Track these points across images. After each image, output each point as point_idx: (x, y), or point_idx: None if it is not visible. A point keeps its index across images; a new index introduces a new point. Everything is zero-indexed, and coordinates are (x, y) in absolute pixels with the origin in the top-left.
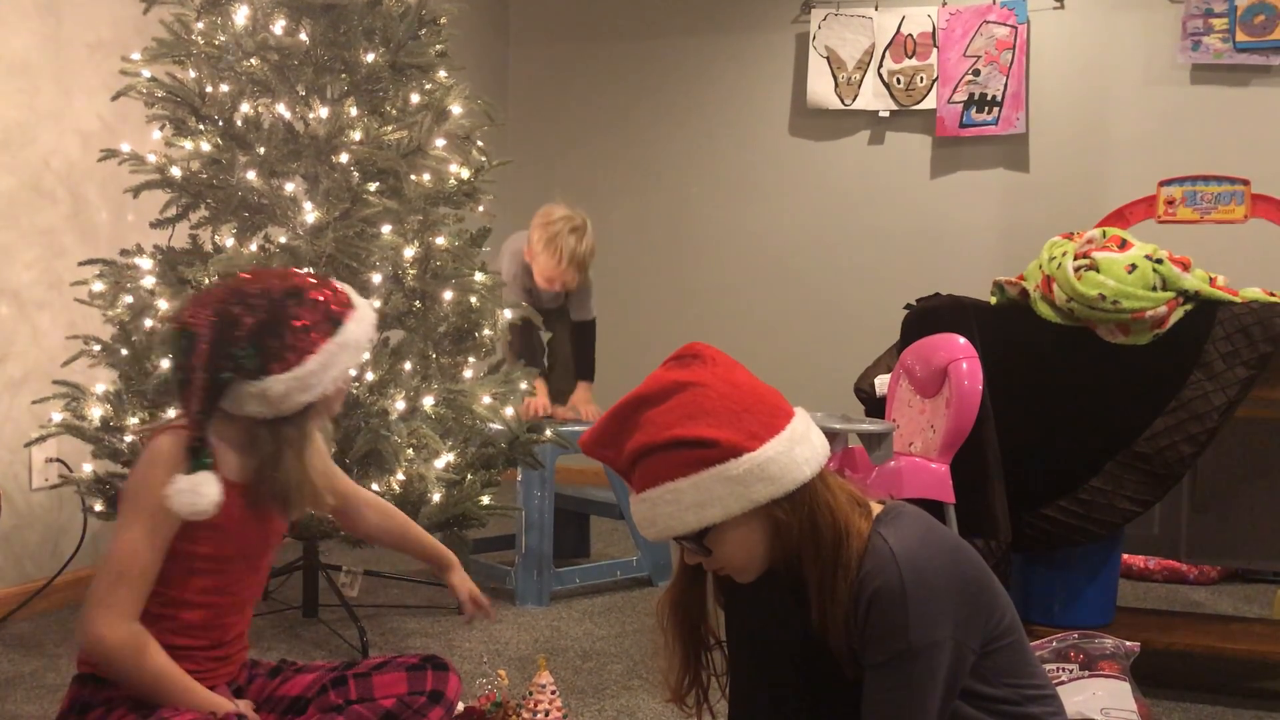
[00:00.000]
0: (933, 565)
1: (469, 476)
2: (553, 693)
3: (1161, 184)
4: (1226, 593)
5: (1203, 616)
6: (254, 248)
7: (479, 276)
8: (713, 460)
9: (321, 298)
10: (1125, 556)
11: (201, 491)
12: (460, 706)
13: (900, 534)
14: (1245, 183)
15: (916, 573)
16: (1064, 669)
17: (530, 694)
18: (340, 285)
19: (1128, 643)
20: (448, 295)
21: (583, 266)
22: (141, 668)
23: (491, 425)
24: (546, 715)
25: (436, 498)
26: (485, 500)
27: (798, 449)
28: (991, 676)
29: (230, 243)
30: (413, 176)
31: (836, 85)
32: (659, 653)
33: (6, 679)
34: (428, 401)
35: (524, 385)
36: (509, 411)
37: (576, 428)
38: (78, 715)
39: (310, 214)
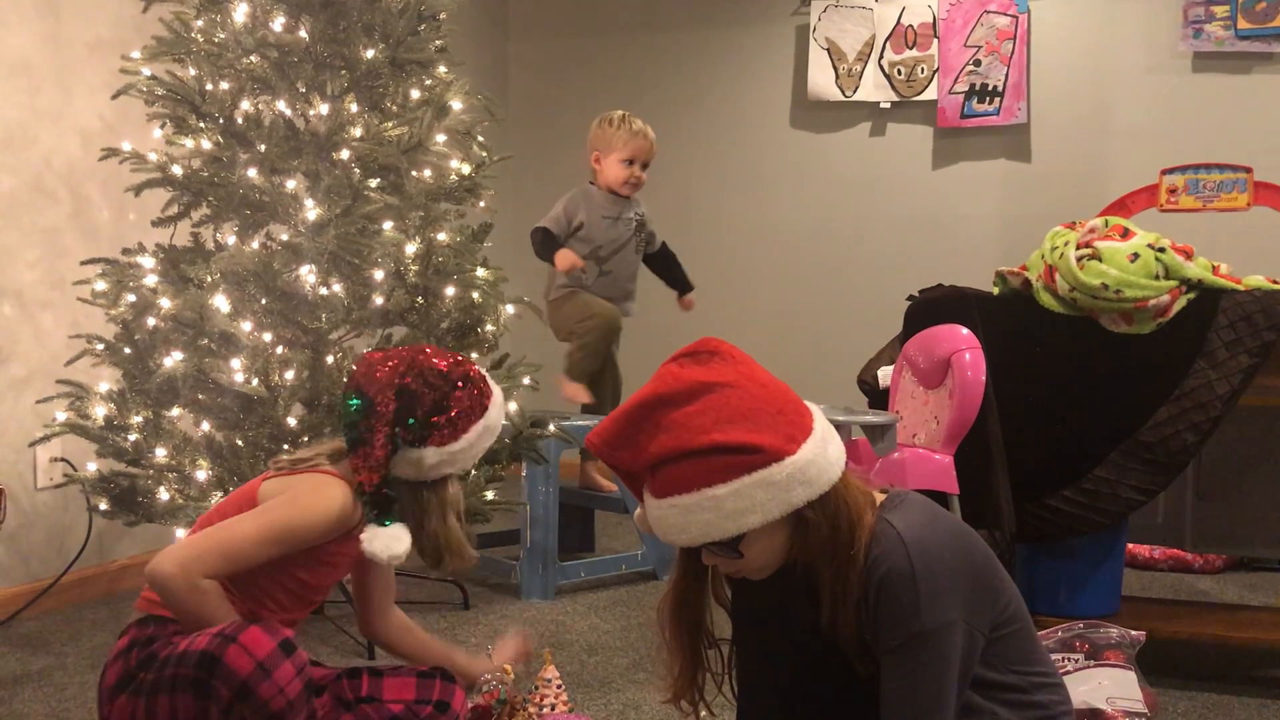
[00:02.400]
0: (940, 547)
1: (473, 472)
2: (559, 687)
3: (1164, 172)
4: (1232, 581)
5: (1208, 605)
6: (255, 245)
7: (481, 272)
8: (755, 466)
9: (479, 386)
10: (1130, 546)
11: (400, 541)
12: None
13: (906, 518)
14: (1248, 170)
15: (924, 555)
16: (1070, 659)
17: (536, 688)
18: (479, 370)
19: (1133, 632)
20: (450, 291)
21: (653, 146)
22: (199, 600)
23: None
24: (553, 710)
25: None
26: (490, 495)
27: (830, 448)
28: (999, 663)
29: (232, 240)
30: (414, 172)
31: (837, 77)
32: (660, 652)
33: (14, 677)
34: None
35: (526, 380)
36: (513, 406)
37: (581, 422)
38: (140, 646)
39: (312, 211)
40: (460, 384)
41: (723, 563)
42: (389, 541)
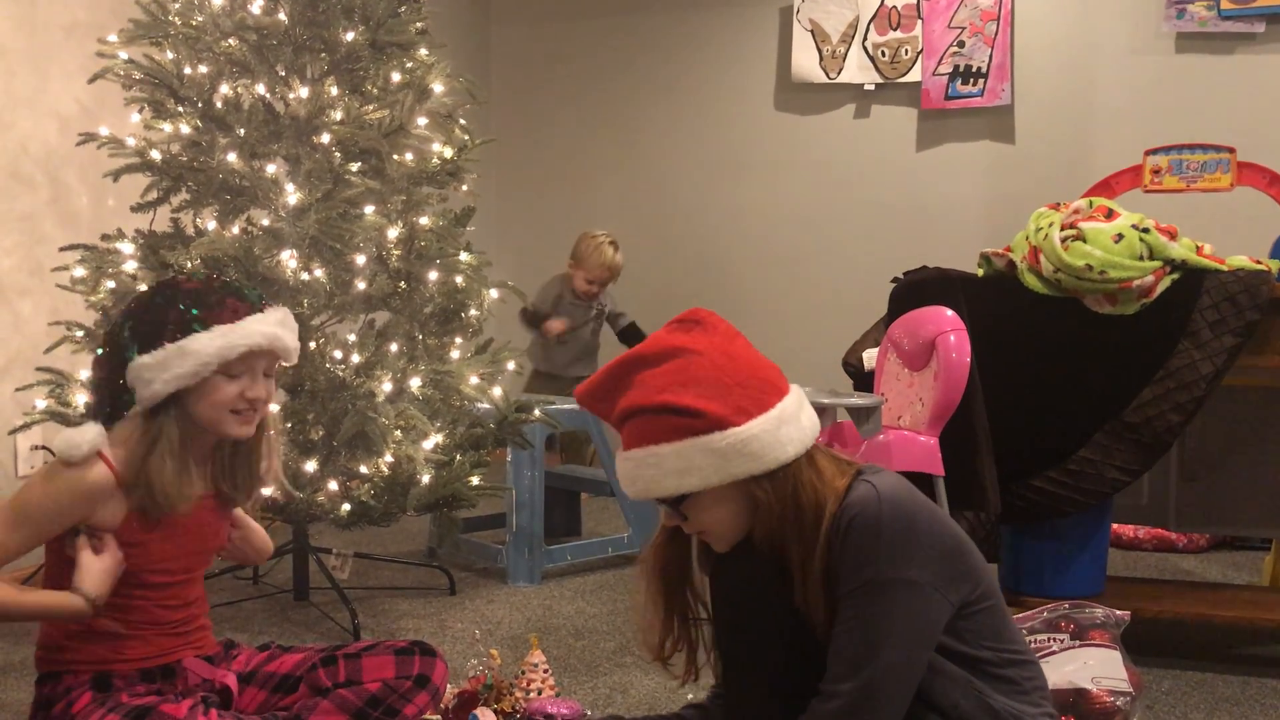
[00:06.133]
0: (913, 511)
1: (458, 457)
2: (545, 671)
3: (1147, 153)
4: (1215, 560)
5: (1192, 584)
6: (236, 230)
7: (464, 256)
8: (696, 430)
9: (187, 302)
10: (1115, 526)
11: (83, 433)
12: (452, 689)
13: (886, 480)
14: (1231, 151)
15: (896, 510)
16: (1055, 639)
17: (523, 673)
18: (215, 295)
19: (1118, 612)
20: (433, 276)
21: (617, 270)
22: None
23: (480, 405)
24: (539, 694)
25: (426, 479)
26: (475, 480)
27: (784, 429)
28: (971, 638)
29: (212, 226)
30: (395, 156)
31: (821, 59)
32: (643, 612)
33: None
34: (415, 383)
35: (511, 365)
36: (497, 391)
37: (565, 405)
38: (43, 711)
39: (292, 195)
40: (160, 297)
41: (681, 524)
42: (72, 434)
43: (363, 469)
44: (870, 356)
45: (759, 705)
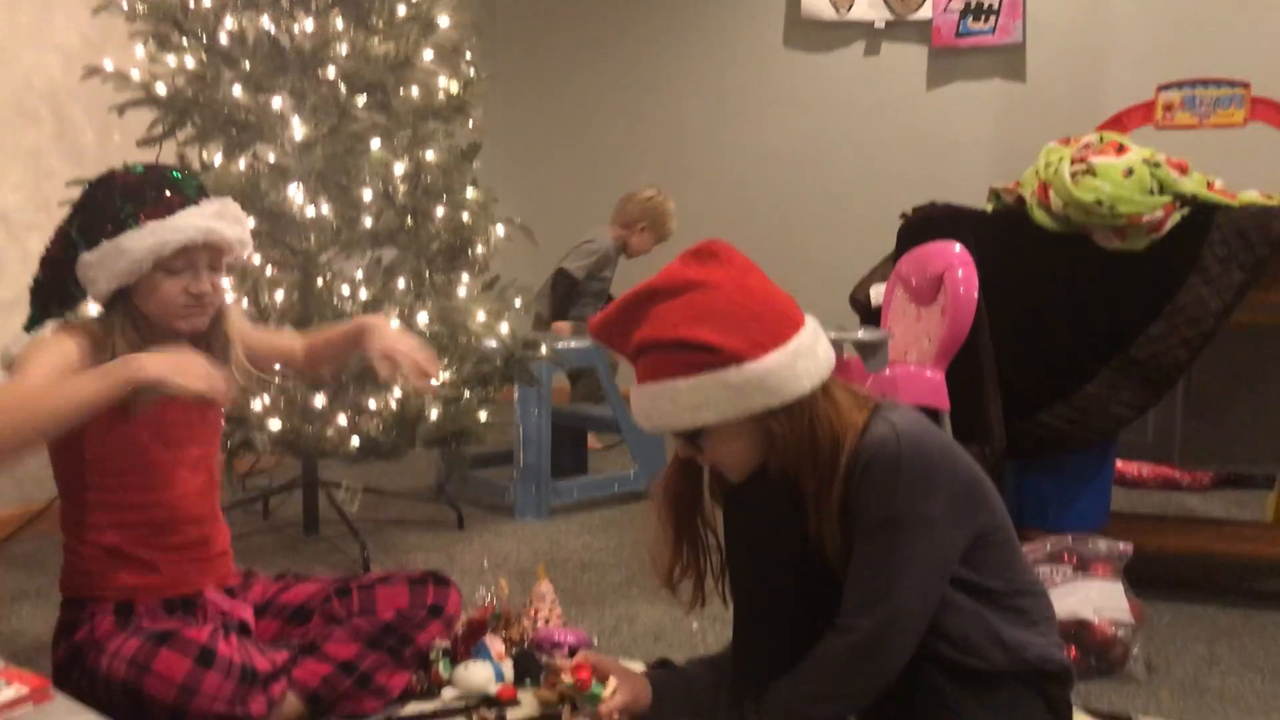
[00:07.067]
0: (931, 446)
1: (466, 393)
2: (553, 601)
3: (1160, 89)
4: (1219, 498)
5: (1195, 520)
6: (242, 165)
7: (470, 192)
8: (712, 365)
9: (125, 196)
10: (1119, 465)
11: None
12: (460, 618)
13: (904, 416)
14: (1245, 85)
15: (915, 447)
16: (1058, 571)
17: (530, 603)
18: (178, 193)
19: (1121, 544)
20: (440, 212)
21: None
22: (23, 402)
23: (487, 342)
24: (546, 624)
25: (434, 415)
26: (482, 416)
27: (800, 362)
28: (982, 570)
29: (218, 160)
30: (401, 90)
31: None
32: (655, 542)
33: (12, 595)
34: (422, 319)
35: (518, 302)
36: (504, 328)
37: (576, 345)
38: (66, 635)
39: (298, 130)
40: (100, 192)
41: (695, 456)
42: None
43: (371, 404)
44: (878, 292)
45: (770, 637)
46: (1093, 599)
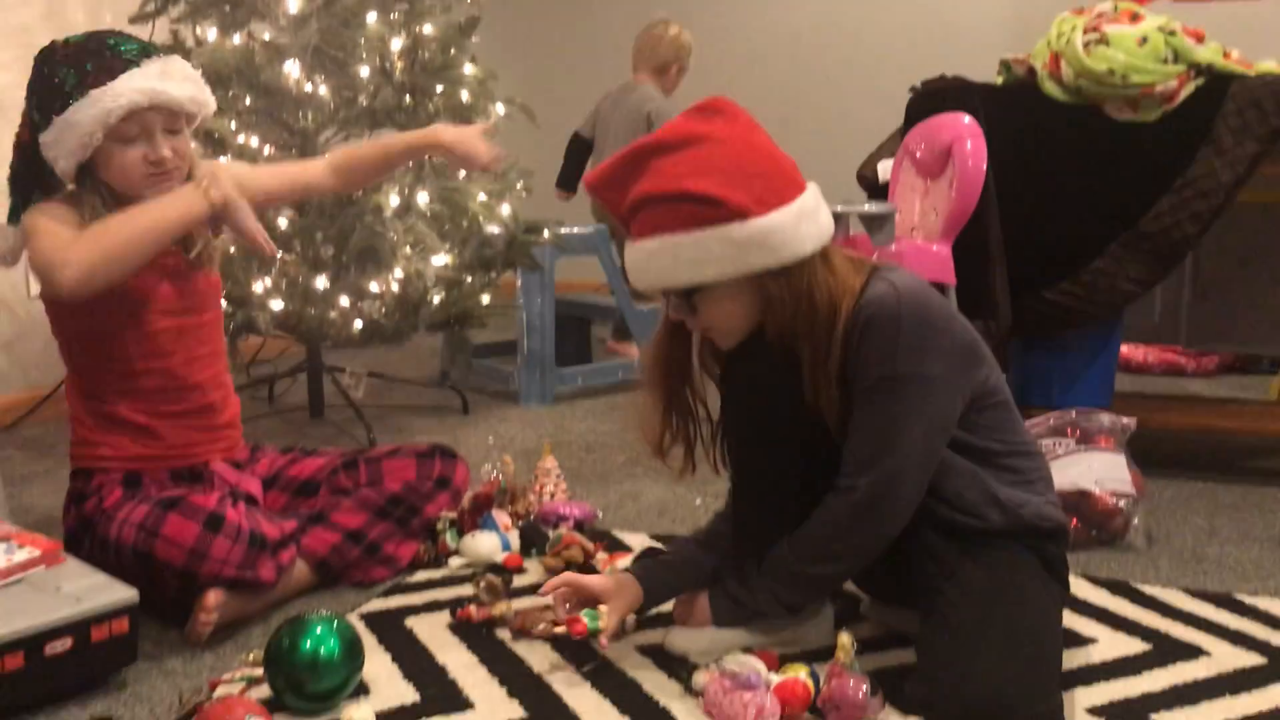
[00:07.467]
0: (932, 306)
1: (468, 278)
2: (558, 476)
3: None
4: (1224, 383)
5: (1198, 399)
6: (236, 41)
7: (469, 69)
8: (716, 220)
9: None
10: (1124, 350)
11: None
12: (467, 494)
13: (903, 276)
14: None
15: (915, 306)
16: (1060, 443)
17: (536, 478)
18: (118, 58)
19: (1124, 418)
20: (439, 89)
21: None
22: (107, 236)
23: (490, 228)
24: (552, 498)
25: (437, 299)
26: (485, 300)
27: (804, 224)
28: (980, 431)
29: (213, 36)
30: None
31: None
32: (642, 404)
33: (22, 475)
34: (422, 198)
35: (519, 185)
36: (505, 210)
37: (580, 230)
38: (76, 504)
39: (292, 4)
40: (46, 67)
41: (688, 318)
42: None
43: (373, 286)
44: (885, 167)
45: (771, 502)
46: (1095, 470)
